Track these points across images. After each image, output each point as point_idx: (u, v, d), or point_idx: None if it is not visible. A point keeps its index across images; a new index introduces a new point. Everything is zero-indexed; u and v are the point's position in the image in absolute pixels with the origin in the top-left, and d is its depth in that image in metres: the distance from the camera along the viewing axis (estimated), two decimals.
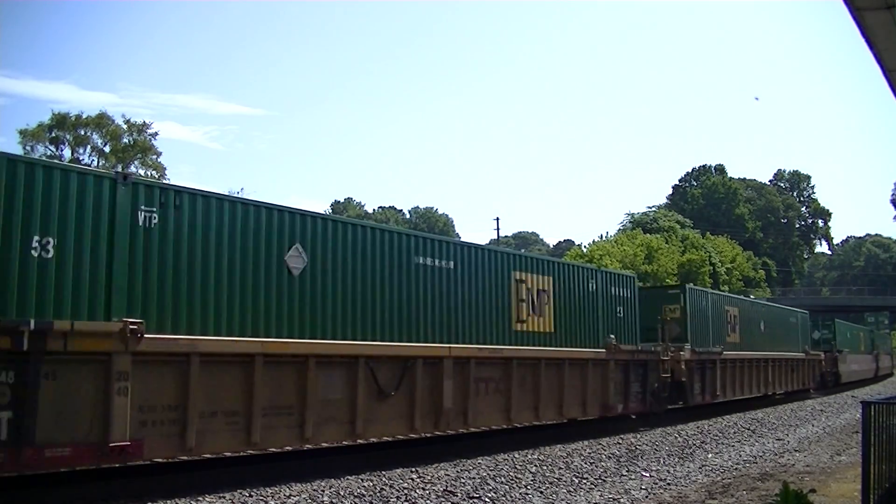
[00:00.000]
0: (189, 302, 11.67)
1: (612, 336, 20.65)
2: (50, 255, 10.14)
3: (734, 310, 29.56)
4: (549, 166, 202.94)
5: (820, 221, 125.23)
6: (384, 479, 12.69)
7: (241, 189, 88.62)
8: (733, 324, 29.15)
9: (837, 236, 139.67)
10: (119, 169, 69.57)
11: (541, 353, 18.07)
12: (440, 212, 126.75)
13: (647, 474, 14.49)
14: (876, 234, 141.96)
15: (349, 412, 13.60)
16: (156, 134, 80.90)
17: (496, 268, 17.29)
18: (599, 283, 20.81)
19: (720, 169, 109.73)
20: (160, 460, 12.29)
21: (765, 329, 32.61)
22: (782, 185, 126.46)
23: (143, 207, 11.29)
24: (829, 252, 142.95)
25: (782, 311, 37.87)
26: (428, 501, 11.45)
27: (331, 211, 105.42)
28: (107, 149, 78.81)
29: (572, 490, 12.79)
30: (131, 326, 10.58)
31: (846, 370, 45.53)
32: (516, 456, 15.78)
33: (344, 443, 14.16)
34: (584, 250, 61.18)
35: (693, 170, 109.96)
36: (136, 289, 11.10)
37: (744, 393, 29.67)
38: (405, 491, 11.90)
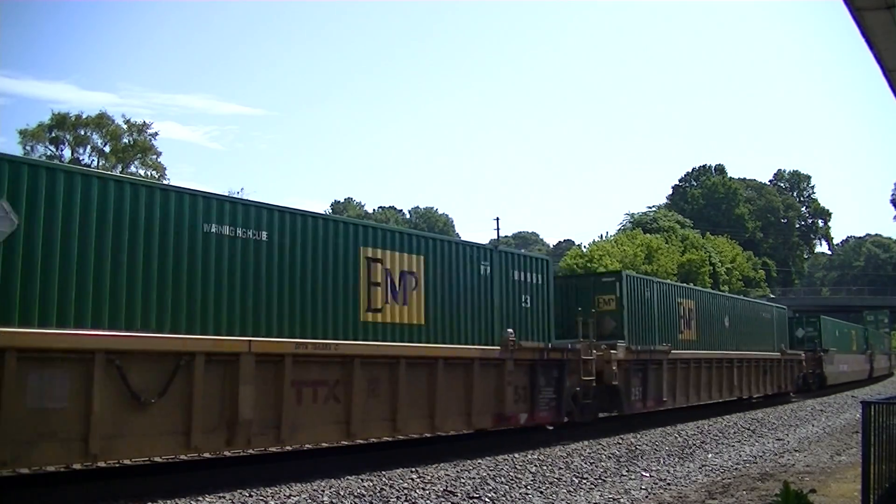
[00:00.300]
0: None
1: (511, 330, 16.18)
2: None
3: (689, 303, 24.43)
4: (549, 166, 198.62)
5: (820, 221, 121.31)
6: (384, 479, 12.17)
7: (242, 189, 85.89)
8: (688, 318, 24.10)
9: (837, 236, 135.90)
10: (119, 169, 67.00)
11: (400, 351, 13.80)
12: (440, 212, 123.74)
13: (647, 474, 13.90)
14: (876, 234, 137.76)
15: (80, 427, 9.59)
16: (156, 134, 78.41)
17: (335, 242, 13.12)
18: (497, 266, 16.28)
19: (720, 169, 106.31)
20: (159, 460, 11.61)
21: (730, 325, 27.44)
22: (782, 185, 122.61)
23: None
24: (829, 252, 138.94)
25: (754, 305, 32.48)
26: (428, 501, 10.99)
27: (331, 211, 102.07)
28: (107, 149, 76.24)
29: (572, 490, 12.31)
30: None
31: (833, 371, 39.65)
32: (516, 456, 15.07)
33: (74, 466, 10.37)
34: (584, 250, 58.67)
35: (693, 170, 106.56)
36: None
37: (701, 398, 24.63)
38: (405, 491, 11.39)
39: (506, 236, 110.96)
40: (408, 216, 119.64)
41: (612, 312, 20.27)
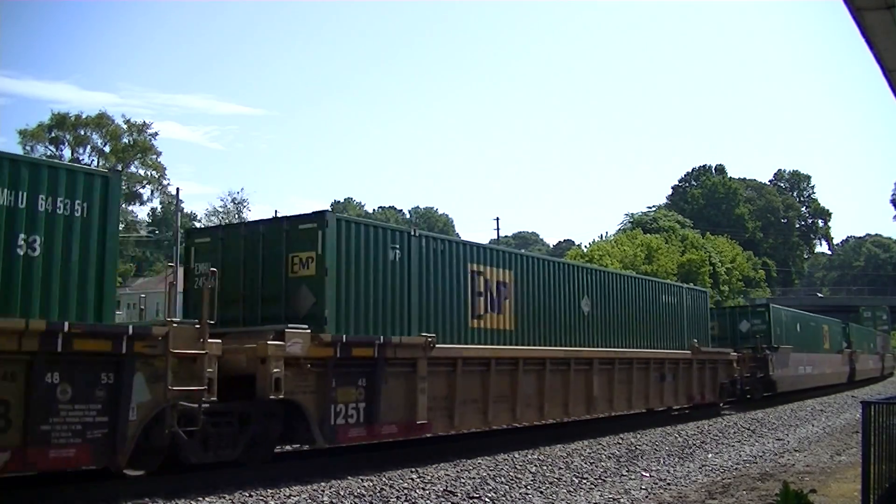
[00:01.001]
0: None
1: None
2: None
3: (500, 273, 16.40)
4: (549, 166, 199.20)
5: (820, 221, 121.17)
6: (384, 479, 12.11)
7: (241, 189, 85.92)
8: (496, 297, 16.22)
9: (837, 236, 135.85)
10: (119, 168, 66.99)
11: None
12: (440, 212, 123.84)
13: (647, 474, 13.86)
14: (876, 234, 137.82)
15: None
16: (156, 134, 78.81)
17: None
18: None
19: (720, 169, 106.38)
20: None
21: (593, 311, 19.43)
22: (782, 185, 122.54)
23: None
24: (829, 252, 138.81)
25: (645, 283, 22.89)
26: (428, 501, 10.99)
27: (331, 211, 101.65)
28: (107, 149, 76.49)
29: (572, 490, 12.30)
30: None
31: (785, 375, 30.82)
32: (516, 456, 14.95)
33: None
34: (584, 250, 58.49)
35: (693, 170, 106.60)
36: None
37: (519, 417, 16.70)
38: (405, 491, 11.38)
39: (506, 236, 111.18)
40: (408, 216, 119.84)
41: (311, 280, 12.72)
